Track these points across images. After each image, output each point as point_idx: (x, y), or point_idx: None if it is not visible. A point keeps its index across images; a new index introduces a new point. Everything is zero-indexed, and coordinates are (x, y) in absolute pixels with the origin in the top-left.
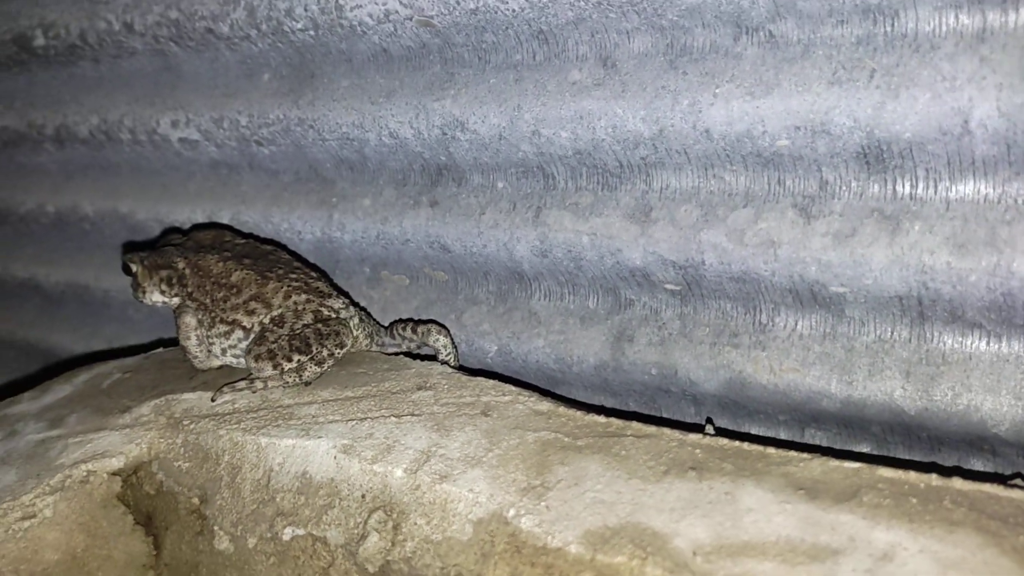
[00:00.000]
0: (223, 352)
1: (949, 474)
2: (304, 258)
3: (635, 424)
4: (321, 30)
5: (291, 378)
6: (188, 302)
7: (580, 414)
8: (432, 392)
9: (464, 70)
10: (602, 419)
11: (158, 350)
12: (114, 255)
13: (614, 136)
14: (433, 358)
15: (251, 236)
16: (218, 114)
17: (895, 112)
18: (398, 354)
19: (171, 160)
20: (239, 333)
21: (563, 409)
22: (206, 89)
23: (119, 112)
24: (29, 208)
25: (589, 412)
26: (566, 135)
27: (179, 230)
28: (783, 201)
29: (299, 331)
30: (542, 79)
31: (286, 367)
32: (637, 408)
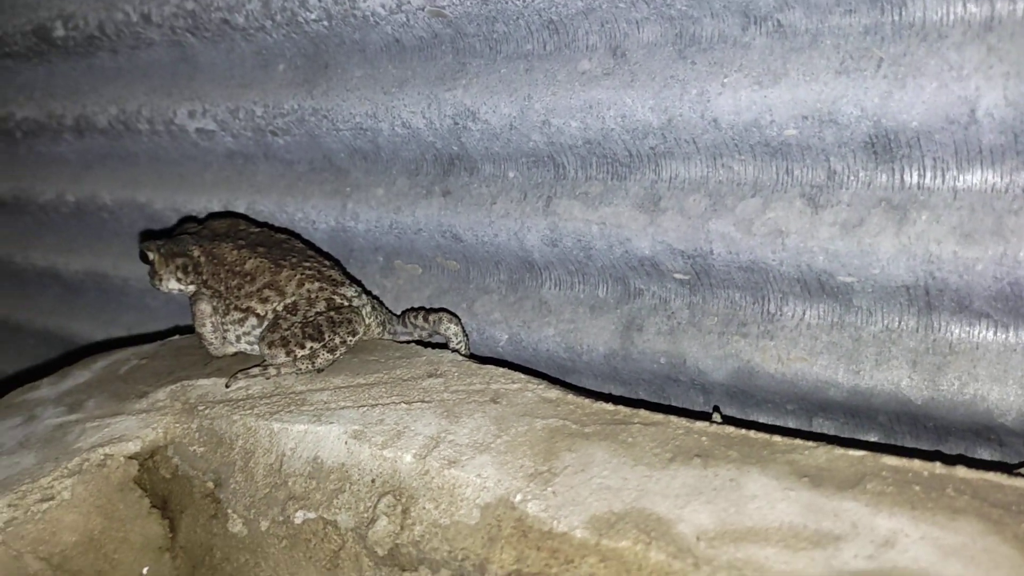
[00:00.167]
0: (237, 339)
1: (953, 462)
2: (317, 247)
3: (642, 412)
4: (335, 20)
5: (304, 365)
6: (203, 290)
7: (588, 402)
8: (442, 379)
9: (475, 60)
10: (610, 407)
11: (174, 337)
12: (132, 244)
13: (623, 126)
14: (444, 346)
15: (266, 225)
16: (234, 104)
17: (902, 101)
18: (410, 342)
19: (188, 150)
20: (253, 320)
21: (571, 397)
22: (222, 80)
23: (137, 102)
24: (49, 198)
25: (597, 400)
26: (576, 125)
27: (195, 219)
28: (791, 191)
29: (312, 319)
30: (552, 69)
31: (299, 354)
32: (646, 397)
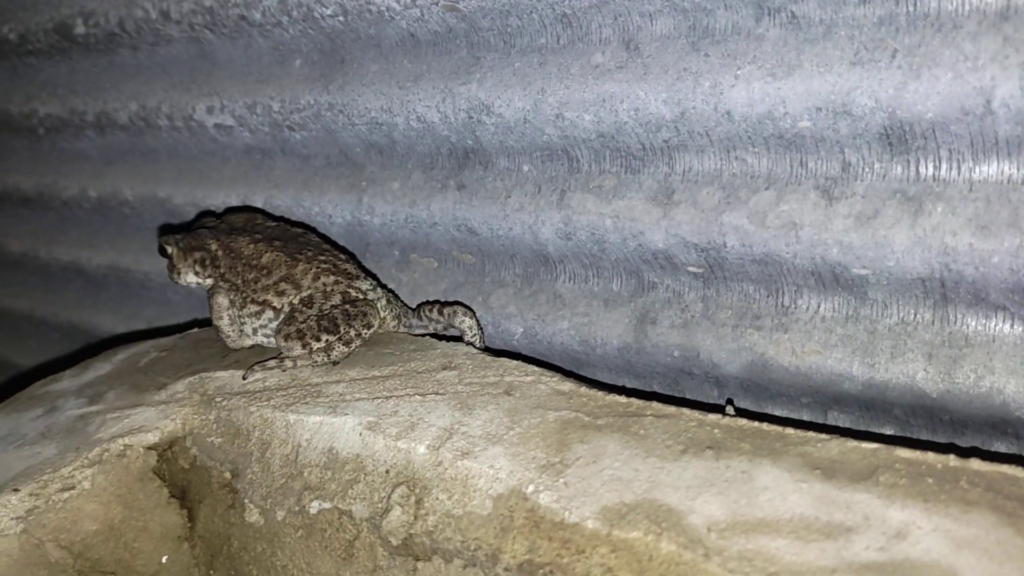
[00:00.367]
0: (254, 332)
1: (967, 455)
2: (334, 240)
3: (655, 404)
4: (350, 16)
5: (319, 357)
6: (221, 283)
7: (601, 394)
8: (456, 372)
9: (490, 54)
10: (623, 399)
11: (192, 330)
12: (153, 239)
13: (636, 119)
14: (459, 339)
15: (282, 219)
16: (251, 100)
17: (917, 92)
18: (425, 335)
19: (207, 145)
20: (269, 313)
21: (584, 389)
22: (240, 75)
23: (157, 99)
24: (72, 193)
25: (610, 393)
26: (589, 118)
27: (213, 213)
28: (805, 183)
29: (327, 312)
30: (566, 62)
31: (315, 347)
32: (660, 390)
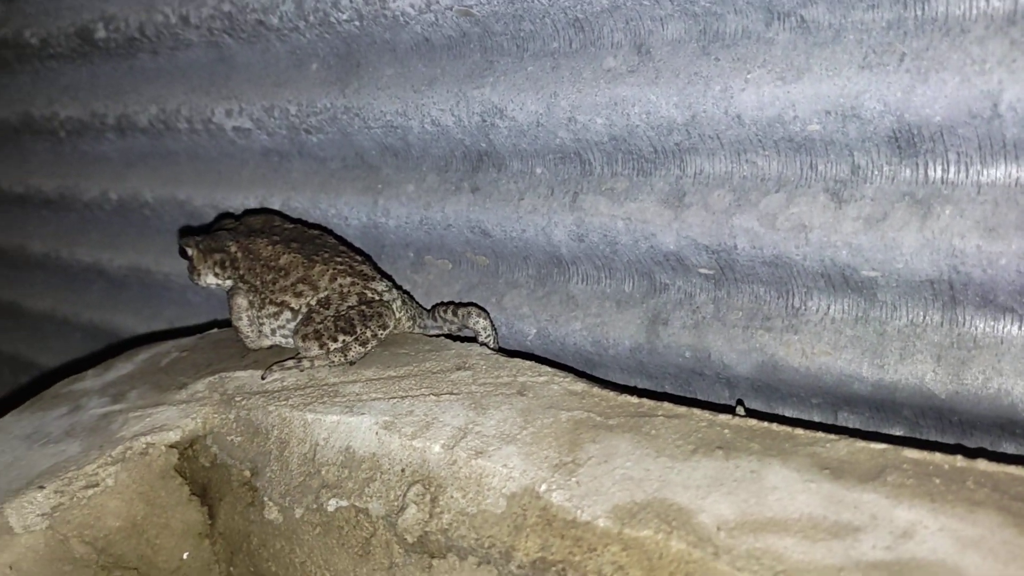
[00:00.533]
0: (272, 332)
1: (974, 456)
2: (350, 242)
3: (666, 404)
4: (366, 20)
5: (336, 358)
6: (240, 284)
7: (613, 394)
8: (471, 372)
9: (503, 58)
10: (634, 399)
11: (212, 331)
12: (173, 240)
13: (648, 122)
14: (474, 340)
15: (299, 221)
16: (269, 103)
17: (925, 96)
18: (440, 336)
19: (225, 148)
20: (287, 314)
21: (597, 390)
22: (258, 79)
23: (176, 102)
24: (93, 195)
25: (622, 393)
26: (601, 121)
27: (232, 215)
28: (815, 186)
29: (344, 313)
30: (578, 66)
31: (332, 347)
32: (672, 390)
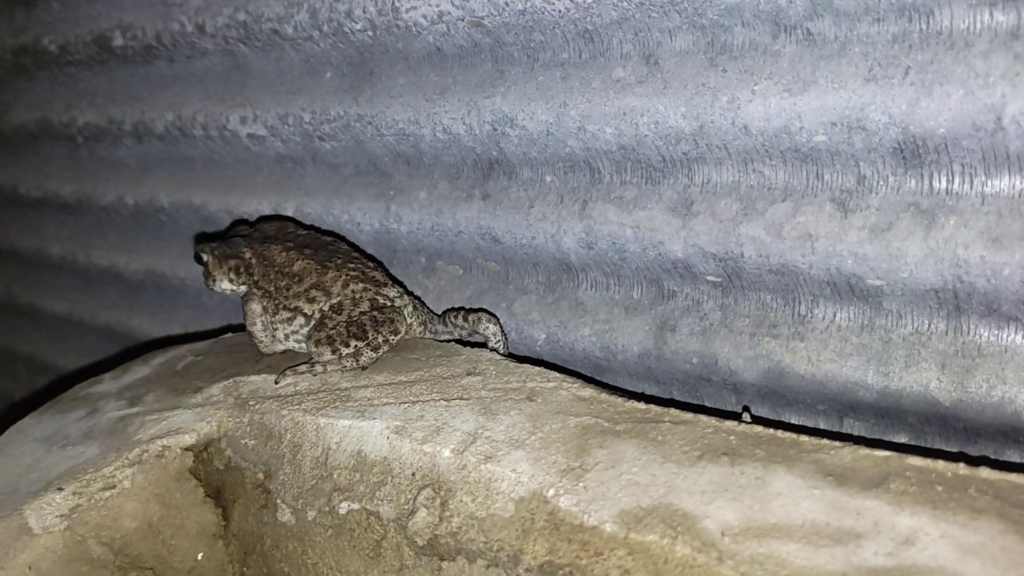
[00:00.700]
0: (286, 337)
1: (977, 463)
2: (362, 249)
3: (673, 411)
4: (379, 30)
5: (348, 363)
6: (254, 290)
7: (621, 400)
8: (480, 378)
9: (514, 68)
10: (641, 405)
11: (227, 335)
12: (188, 244)
13: (656, 132)
14: (484, 345)
15: (313, 227)
16: (283, 111)
17: (929, 108)
18: (450, 341)
19: (240, 154)
20: (300, 319)
21: (605, 395)
22: (272, 87)
23: (192, 109)
24: (110, 200)
25: (630, 399)
26: (610, 131)
27: (246, 221)
28: (821, 195)
29: (356, 318)
30: (587, 77)
31: (344, 352)
32: (680, 396)
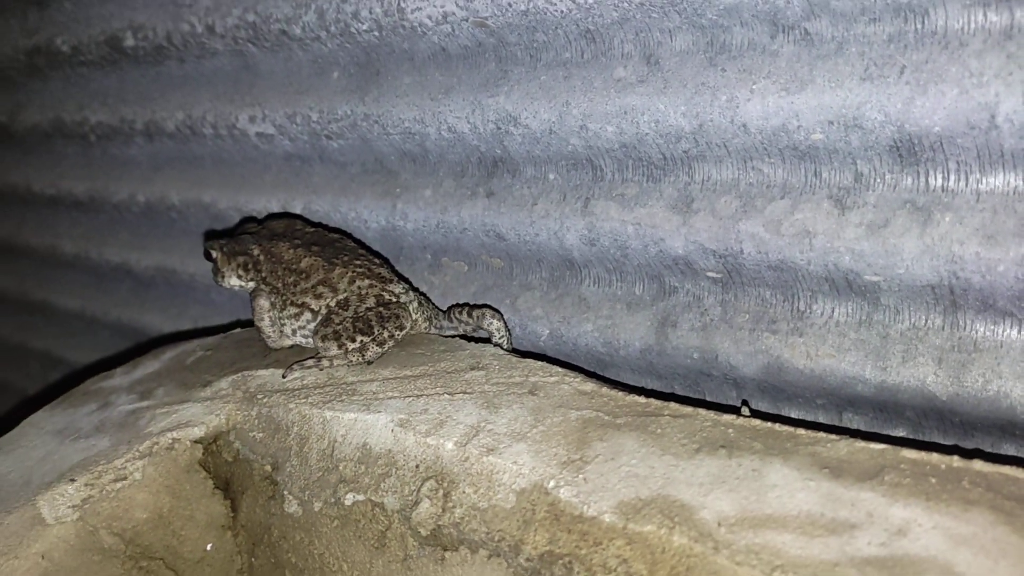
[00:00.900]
0: (293, 332)
1: (970, 456)
2: (368, 246)
3: (672, 405)
4: (385, 31)
5: (354, 357)
6: (262, 286)
7: (622, 394)
8: (484, 372)
9: (517, 68)
10: (642, 399)
11: (236, 330)
12: (198, 242)
13: (657, 130)
14: (488, 341)
15: (320, 225)
16: (291, 110)
17: (924, 107)
18: (455, 336)
19: (249, 153)
20: (308, 315)
21: (606, 390)
22: (280, 87)
23: (202, 108)
24: (121, 197)
25: (631, 393)
26: (612, 129)
27: (255, 219)
28: (819, 192)
29: (362, 314)
30: (589, 76)
31: (350, 347)
32: (681, 391)
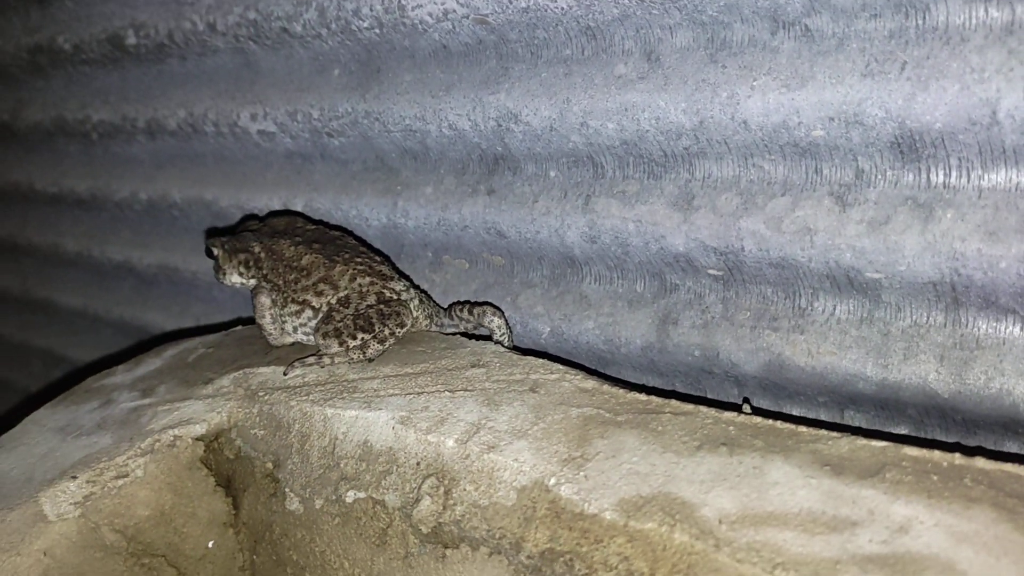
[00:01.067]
0: (294, 330)
1: (972, 453)
2: (369, 243)
3: (673, 402)
4: (385, 28)
5: (355, 355)
6: (263, 283)
7: (622, 392)
8: (485, 370)
9: (518, 65)
10: (642, 397)
11: (237, 328)
12: (200, 240)
13: (657, 127)
14: (489, 338)
15: (321, 222)
16: (292, 108)
17: (925, 103)
18: (455, 334)
19: (250, 151)
20: (309, 312)
21: (607, 387)
22: (282, 84)
23: (204, 106)
24: (124, 196)
25: (632, 390)
26: (613, 126)
27: (256, 217)
28: (820, 189)
29: (363, 311)
30: (590, 73)
31: (351, 344)
32: (683, 388)
